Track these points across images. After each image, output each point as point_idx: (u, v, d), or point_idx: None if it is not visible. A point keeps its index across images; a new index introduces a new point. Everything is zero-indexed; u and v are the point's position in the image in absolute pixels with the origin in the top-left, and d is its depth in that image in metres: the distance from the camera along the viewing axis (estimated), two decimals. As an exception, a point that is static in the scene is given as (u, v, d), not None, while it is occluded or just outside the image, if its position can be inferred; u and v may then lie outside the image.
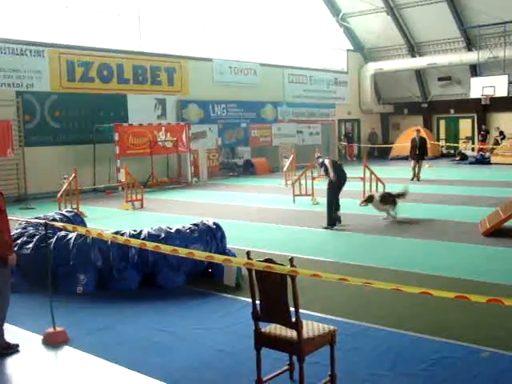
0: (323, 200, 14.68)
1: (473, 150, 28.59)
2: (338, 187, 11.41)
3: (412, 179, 19.01)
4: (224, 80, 24.41)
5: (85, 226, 8.57)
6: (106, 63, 20.15)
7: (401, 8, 28.75)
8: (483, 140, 27.96)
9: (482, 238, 9.76)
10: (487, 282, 7.13)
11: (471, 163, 26.04)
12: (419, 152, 19.46)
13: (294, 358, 4.29)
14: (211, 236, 7.54)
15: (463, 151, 28.13)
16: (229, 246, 7.99)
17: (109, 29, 20.87)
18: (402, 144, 28.50)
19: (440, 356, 4.92)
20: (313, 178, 15.09)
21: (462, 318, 5.87)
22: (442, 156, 29.69)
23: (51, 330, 5.53)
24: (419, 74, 31.14)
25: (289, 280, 3.94)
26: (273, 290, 4.04)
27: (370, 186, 14.25)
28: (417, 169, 19.29)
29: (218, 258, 4.75)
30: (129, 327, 5.88)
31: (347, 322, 5.79)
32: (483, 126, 28.62)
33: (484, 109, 28.96)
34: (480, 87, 26.69)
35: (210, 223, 7.76)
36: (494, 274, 7.53)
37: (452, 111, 30.96)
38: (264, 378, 4.26)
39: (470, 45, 28.52)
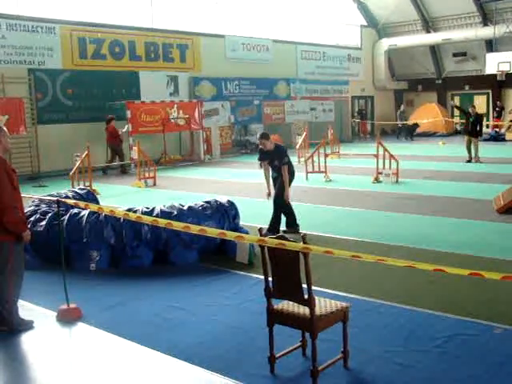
0: (336, 177, 14.65)
1: (487, 126, 28.27)
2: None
3: (469, 161, 17.35)
4: (236, 57, 24.24)
5: (97, 203, 8.58)
6: (118, 40, 20.05)
7: (415, -18, 28.29)
8: (498, 116, 27.60)
9: (496, 215, 9.67)
10: (501, 258, 7.08)
11: (485, 140, 25.75)
12: (473, 129, 17.56)
13: (307, 334, 4.29)
14: (224, 213, 7.53)
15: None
16: (241, 223, 7.98)
17: (120, 5, 20.71)
18: (417, 121, 28.30)
19: (453, 333, 4.90)
20: (326, 155, 15.00)
21: (475, 295, 5.84)
22: (456, 133, 29.36)
23: (65, 306, 5.57)
24: (434, 49, 30.72)
25: (301, 257, 3.92)
26: (285, 267, 4.02)
27: (384, 163, 14.13)
28: (473, 150, 17.51)
29: (231, 235, 4.73)
30: (141, 304, 5.91)
31: (360, 299, 5.77)
32: (498, 103, 28.24)
33: (499, 85, 28.55)
34: (496, 63, 26.31)
35: (224, 201, 7.75)
36: (508, 251, 7.46)
37: (467, 87, 30.56)
38: (277, 355, 4.27)
39: (485, 19, 28.03)
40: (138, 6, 21.29)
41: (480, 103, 30.43)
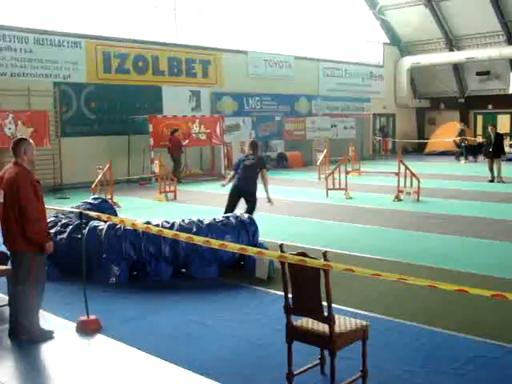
0: (356, 194, 14.60)
1: (511, 146, 27.98)
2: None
3: (491, 181, 17.27)
4: (258, 73, 24.39)
5: (114, 212, 8.57)
6: (142, 55, 20.30)
7: (439, 1, 28.25)
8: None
9: (521, 237, 9.55)
10: (525, 281, 6.98)
11: (509, 160, 25.46)
12: (494, 149, 17.38)
13: (326, 352, 4.26)
14: (243, 229, 7.53)
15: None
16: (260, 239, 7.98)
17: (145, 21, 21.02)
18: (438, 139, 28.15)
19: (474, 355, 4.83)
20: (347, 173, 14.97)
21: (497, 316, 5.75)
22: (480, 152, 29.05)
23: (84, 317, 5.60)
24: (457, 68, 30.59)
25: (322, 274, 3.91)
26: (305, 283, 4.01)
27: (405, 181, 14.06)
28: (496, 169, 17.35)
29: (251, 251, 4.73)
30: (161, 317, 5.92)
31: (380, 318, 5.72)
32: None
33: (523, 104, 28.34)
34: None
35: (244, 217, 7.75)
36: (532, 273, 7.36)
37: (490, 107, 30.34)
38: (295, 372, 4.24)
39: (510, 38, 27.86)
40: (162, 21, 21.57)
41: (504, 123, 30.19)
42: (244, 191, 9.60)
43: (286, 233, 9.93)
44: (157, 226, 6.99)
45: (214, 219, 7.59)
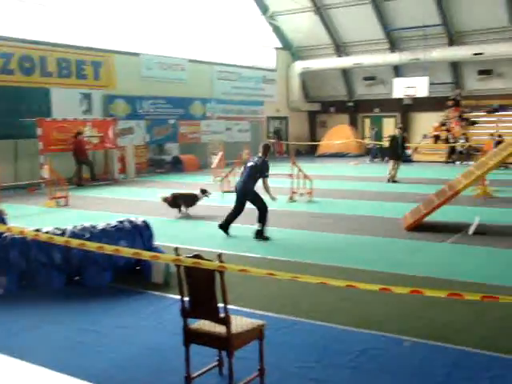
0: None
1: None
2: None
3: (389, 181, 17.94)
4: (152, 75, 24.10)
5: (3, 221, 8.19)
6: (28, 55, 19.41)
7: (327, 8, 29.26)
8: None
9: (405, 233, 10.09)
10: (409, 274, 7.38)
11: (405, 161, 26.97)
12: (400, 152, 18.37)
13: (224, 353, 4.30)
14: (138, 234, 7.41)
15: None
16: (158, 243, 7.90)
17: (31, 19, 20.11)
18: (329, 141, 29.18)
19: (365, 347, 5.05)
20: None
21: (385, 310, 6.05)
22: (368, 154, 30.44)
23: (-31, 332, 5.29)
24: (345, 73, 31.83)
25: (217, 276, 3.93)
26: (201, 286, 4.02)
27: (298, 182, 14.42)
28: (393, 170, 18.13)
29: (146, 255, 4.67)
30: (52, 328, 5.70)
31: (276, 317, 5.84)
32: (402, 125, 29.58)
33: (407, 108, 29.95)
34: (402, 87, 27.65)
35: (139, 221, 7.64)
36: (415, 266, 7.80)
37: (376, 110, 31.83)
38: (193, 374, 4.24)
39: (393, 46, 29.39)
40: (50, 20, 20.71)
41: (390, 126, 31.71)
42: (241, 193, 9.80)
43: (183, 236, 9.89)
44: (47, 233, 6.73)
45: (108, 224, 7.42)
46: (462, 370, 4.62)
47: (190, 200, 12.40)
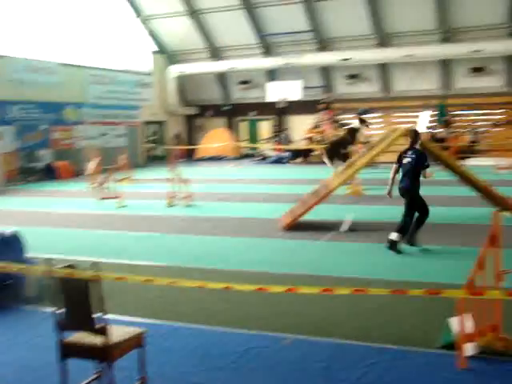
0: (130, 202, 14.48)
1: (274, 150, 30.24)
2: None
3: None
4: (19, 79, 22.89)
5: None
6: None
7: (202, 13, 29.37)
8: (280, 140, 29.72)
9: (282, 233, 10.35)
10: (288, 273, 7.58)
11: (272, 162, 27.68)
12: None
13: (104, 365, 4.18)
14: (7, 247, 7.01)
15: (264, 151, 29.74)
16: (32, 254, 7.51)
17: None
18: (208, 145, 29.36)
19: (247, 347, 5.13)
20: (118, 181, 14.80)
21: (265, 309, 6.17)
22: (245, 156, 30.96)
23: None
24: (221, 77, 32.12)
25: (94, 285, 3.82)
26: (76, 296, 3.89)
27: (177, 186, 14.34)
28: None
29: (15, 268, 4.44)
30: None
31: (157, 324, 5.77)
32: (277, 128, 30.55)
33: (282, 112, 30.78)
34: (276, 91, 28.46)
35: (7, 232, 7.23)
36: (293, 265, 8.04)
37: (253, 114, 32.41)
38: (70, 390, 4.09)
39: (267, 51, 30.08)
40: None
41: (266, 129, 32.45)
42: (404, 191, 8.74)
43: (62, 247, 9.48)
44: None
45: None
46: (339, 361, 4.83)
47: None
